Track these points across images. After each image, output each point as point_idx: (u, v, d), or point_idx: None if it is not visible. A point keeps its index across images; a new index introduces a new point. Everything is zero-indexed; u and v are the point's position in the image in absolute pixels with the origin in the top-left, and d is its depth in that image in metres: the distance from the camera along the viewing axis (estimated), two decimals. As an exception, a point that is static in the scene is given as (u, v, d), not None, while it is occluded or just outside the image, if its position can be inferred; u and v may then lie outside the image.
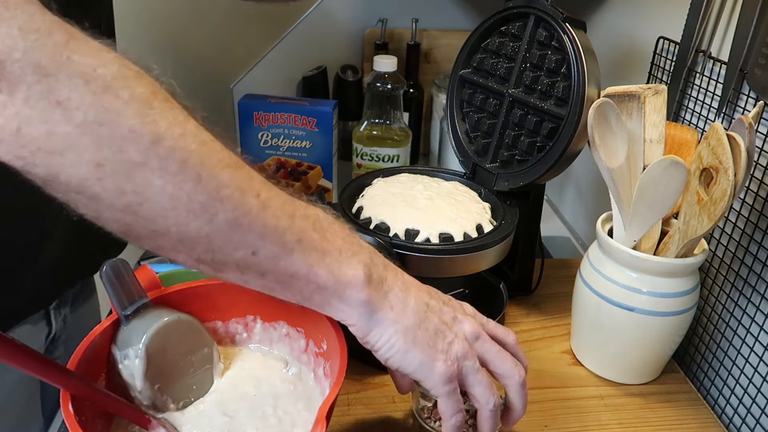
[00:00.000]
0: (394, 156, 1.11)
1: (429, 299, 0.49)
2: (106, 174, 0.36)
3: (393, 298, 0.47)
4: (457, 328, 0.49)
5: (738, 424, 0.70)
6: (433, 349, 0.47)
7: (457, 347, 0.48)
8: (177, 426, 0.52)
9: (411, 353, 0.46)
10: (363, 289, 0.45)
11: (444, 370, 0.47)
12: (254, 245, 0.41)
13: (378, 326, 0.46)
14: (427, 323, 0.47)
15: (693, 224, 0.62)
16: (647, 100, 0.65)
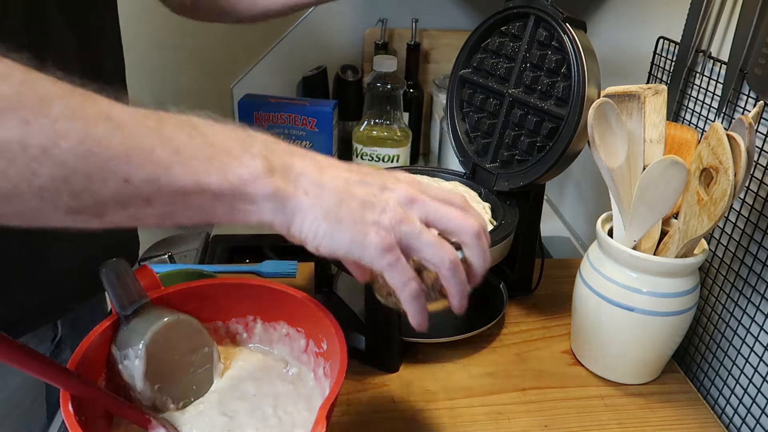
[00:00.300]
0: (394, 156, 1.11)
1: (348, 175, 0.44)
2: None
3: (305, 183, 0.42)
4: (387, 196, 0.44)
5: (738, 424, 0.70)
6: (361, 223, 0.42)
7: (390, 215, 0.43)
8: (177, 426, 0.52)
9: (338, 234, 0.42)
10: (265, 182, 0.40)
11: (378, 241, 0.42)
12: (123, 172, 0.36)
13: (297, 216, 0.42)
14: (349, 199, 0.43)
15: (693, 224, 0.62)
16: (647, 100, 0.65)
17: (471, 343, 0.76)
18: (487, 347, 0.77)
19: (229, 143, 0.40)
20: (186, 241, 1.07)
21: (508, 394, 0.70)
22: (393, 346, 0.72)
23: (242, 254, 1.07)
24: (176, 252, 1.01)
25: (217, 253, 1.06)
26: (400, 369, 0.73)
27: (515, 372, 0.73)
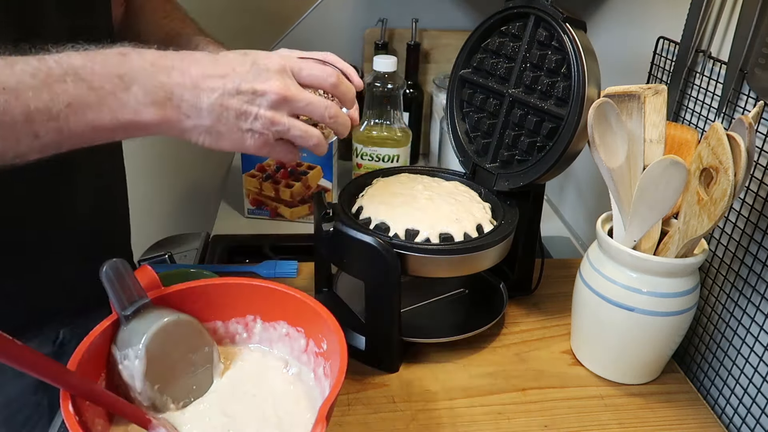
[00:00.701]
0: (394, 156, 1.11)
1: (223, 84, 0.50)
2: None
3: (185, 108, 0.49)
4: (258, 102, 0.51)
5: (738, 424, 0.70)
6: (238, 132, 0.51)
7: (261, 122, 0.52)
8: (177, 426, 0.52)
9: (221, 143, 0.52)
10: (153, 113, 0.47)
11: (253, 143, 0.52)
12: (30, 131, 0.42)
13: (185, 134, 0.51)
14: (225, 114, 0.50)
15: (693, 224, 0.62)
16: (647, 100, 0.65)
17: (471, 343, 0.76)
18: (487, 347, 0.77)
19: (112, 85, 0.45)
20: (186, 241, 1.07)
21: (508, 394, 0.70)
22: (393, 346, 0.72)
23: (242, 254, 1.07)
24: (176, 252, 1.01)
25: (217, 253, 1.06)
26: (400, 369, 0.73)
27: (515, 372, 0.73)
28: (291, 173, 1.12)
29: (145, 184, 1.54)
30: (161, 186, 1.58)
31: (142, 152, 1.49)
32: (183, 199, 1.60)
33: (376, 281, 0.68)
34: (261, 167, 1.12)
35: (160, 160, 1.54)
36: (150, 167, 1.54)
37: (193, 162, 1.55)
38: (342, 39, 1.36)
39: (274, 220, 1.17)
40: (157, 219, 1.58)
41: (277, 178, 1.13)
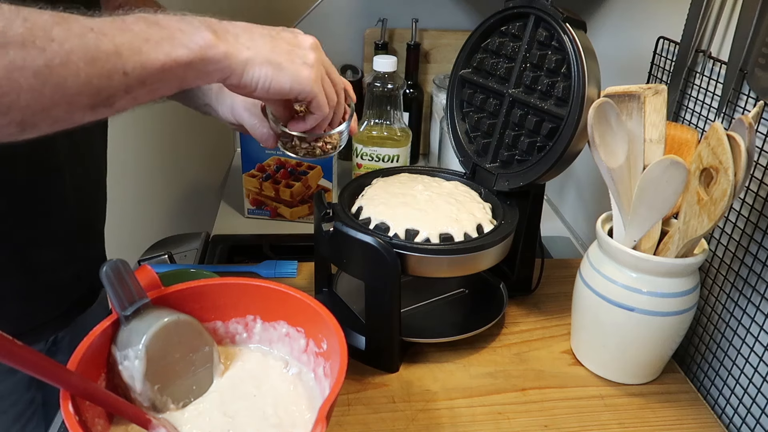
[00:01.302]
0: (394, 156, 1.11)
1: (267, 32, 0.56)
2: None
3: (243, 40, 0.53)
4: (303, 43, 0.57)
5: (738, 424, 0.70)
6: (294, 63, 0.55)
7: (312, 55, 0.57)
8: (177, 426, 0.52)
9: (281, 74, 0.54)
10: (219, 44, 0.50)
11: (310, 73, 0.56)
12: (120, 66, 0.45)
13: (245, 67, 0.53)
14: (278, 47, 0.55)
15: (693, 224, 0.62)
16: (647, 100, 0.65)
17: (471, 343, 0.76)
18: (487, 347, 0.77)
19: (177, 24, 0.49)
20: (186, 241, 1.07)
21: (508, 394, 0.70)
22: (393, 346, 0.72)
23: (242, 254, 1.07)
24: (176, 252, 1.01)
25: (217, 253, 1.06)
26: (400, 369, 0.73)
27: (515, 372, 0.73)
28: (291, 173, 1.12)
29: (145, 184, 1.54)
30: (161, 186, 1.58)
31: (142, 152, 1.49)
32: (183, 199, 1.60)
33: (376, 281, 0.68)
34: (261, 167, 1.12)
35: (160, 160, 1.54)
36: (150, 167, 1.54)
37: (193, 162, 1.55)
38: (342, 39, 1.35)
39: (274, 220, 1.17)
40: (157, 219, 1.58)
41: (277, 178, 1.13)
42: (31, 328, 0.71)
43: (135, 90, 0.47)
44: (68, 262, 0.74)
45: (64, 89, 0.42)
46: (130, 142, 1.41)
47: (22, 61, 0.40)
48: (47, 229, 0.69)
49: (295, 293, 0.58)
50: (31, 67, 0.40)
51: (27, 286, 0.69)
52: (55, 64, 0.41)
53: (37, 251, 0.69)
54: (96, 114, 0.46)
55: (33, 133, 0.43)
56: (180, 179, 1.58)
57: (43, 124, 0.43)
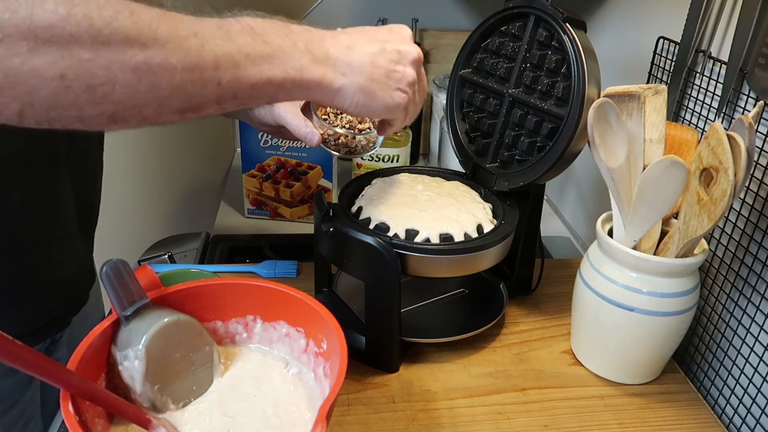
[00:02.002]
0: (394, 156, 1.11)
1: (371, 48, 0.56)
2: (71, 81, 0.39)
3: (341, 66, 0.54)
4: (405, 60, 0.58)
5: (738, 424, 0.70)
6: (388, 89, 0.56)
7: (408, 76, 0.58)
8: (177, 426, 0.52)
9: (372, 103, 0.56)
10: (314, 70, 0.51)
11: (400, 100, 0.58)
12: (215, 77, 0.45)
13: (338, 93, 0.54)
14: (375, 72, 0.55)
15: (693, 224, 0.62)
16: (647, 100, 0.65)
17: (471, 343, 0.76)
18: (487, 347, 0.77)
19: (280, 41, 0.50)
20: (186, 241, 1.07)
21: (508, 394, 0.70)
22: (393, 346, 0.72)
23: (242, 254, 1.07)
24: (176, 252, 1.01)
25: (217, 253, 1.06)
26: (400, 369, 0.73)
27: (515, 372, 0.73)
28: (291, 173, 1.12)
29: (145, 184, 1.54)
30: (161, 186, 1.57)
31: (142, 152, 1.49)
32: (183, 199, 1.60)
33: (376, 281, 0.68)
34: (261, 167, 1.12)
35: (160, 160, 1.54)
36: (150, 167, 1.54)
37: (193, 162, 1.55)
38: (342, 39, 1.35)
39: (274, 220, 1.17)
40: (157, 219, 1.57)
41: (277, 178, 1.13)
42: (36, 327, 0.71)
43: (225, 101, 0.47)
44: (69, 261, 0.74)
45: (158, 90, 0.42)
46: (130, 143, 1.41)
47: (123, 54, 0.40)
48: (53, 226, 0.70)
49: (295, 293, 0.58)
50: (130, 61, 0.40)
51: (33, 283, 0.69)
52: (154, 63, 0.41)
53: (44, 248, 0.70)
54: (183, 118, 0.46)
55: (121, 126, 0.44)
56: (180, 179, 1.58)
57: (132, 120, 0.43)
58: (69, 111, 0.40)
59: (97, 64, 0.39)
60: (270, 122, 0.70)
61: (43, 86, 0.38)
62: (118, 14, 0.40)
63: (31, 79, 0.37)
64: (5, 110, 0.38)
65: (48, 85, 0.38)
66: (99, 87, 0.40)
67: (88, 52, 0.39)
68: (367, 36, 0.57)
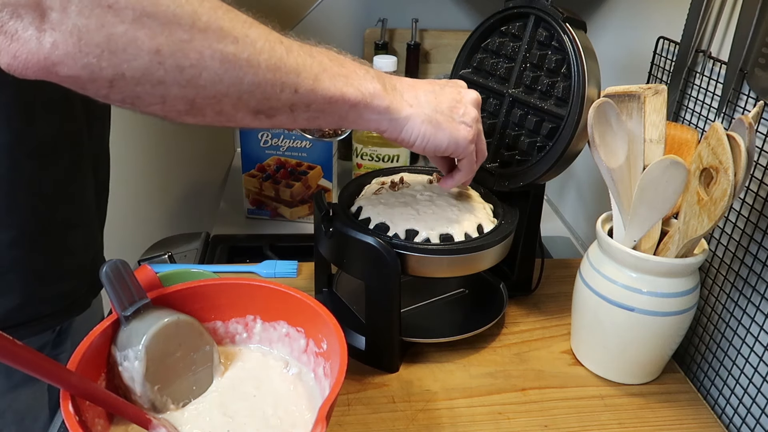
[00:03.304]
0: (394, 156, 1.11)
1: (432, 88, 0.60)
2: (165, 57, 0.41)
3: (408, 97, 0.57)
4: (465, 99, 0.61)
5: (738, 424, 0.70)
6: (453, 122, 0.59)
7: (471, 113, 0.60)
8: (177, 426, 0.52)
9: (439, 134, 0.58)
10: (384, 97, 0.54)
11: (466, 134, 0.60)
12: (294, 83, 0.48)
13: (406, 124, 0.56)
14: (440, 105, 0.58)
15: (693, 224, 0.62)
16: (647, 100, 0.65)
17: (471, 343, 0.76)
18: (487, 347, 0.77)
19: (354, 67, 0.54)
20: (186, 241, 1.07)
21: (508, 394, 0.70)
22: (393, 346, 0.72)
23: (242, 254, 1.07)
24: (176, 252, 1.01)
25: (217, 253, 1.06)
26: (400, 369, 0.73)
27: (515, 372, 0.73)
28: (291, 173, 1.12)
29: (145, 184, 1.54)
30: (161, 186, 1.57)
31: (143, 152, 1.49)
32: (183, 199, 1.60)
33: (376, 281, 0.68)
34: (261, 167, 1.12)
35: (160, 160, 1.54)
36: (150, 167, 1.54)
37: (193, 162, 1.55)
38: (342, 39, 1.35)
39: (274, 220, 1.17)
40: (157, 219, 1.58)
41: (277, 178, 1.13)
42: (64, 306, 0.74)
43: (297, 110, 0.50)
44: (89, 245, 0.77)
45: (240, 84, 0.45)
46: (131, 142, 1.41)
47: (217, 43, 0.43)
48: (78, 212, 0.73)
49: (295, 293, 0.58)
50: (221, 51, 0.43)
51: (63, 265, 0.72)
52: (242, 58, 0.44)
53: (71, 232, 0.72)
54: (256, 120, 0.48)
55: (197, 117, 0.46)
56: (180, 179, 1.58)
57: (209, 111, 0.46)
58: (155, 88, 0.42)
59: (192, 46, 0.42)
60: None
61: (139, 57, 0.40)
62: (217, 9, 0.44)
63: (130, 48, 0.40)
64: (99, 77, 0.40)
65: (143, 57, 0.40)
66: (188, 69, 0.42)
67: (186, 34, 0.41)
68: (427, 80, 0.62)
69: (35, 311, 0.70)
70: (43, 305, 0.71)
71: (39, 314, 0.71)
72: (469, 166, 0.65)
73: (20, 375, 0.70)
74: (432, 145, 0.58)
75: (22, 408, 0.73)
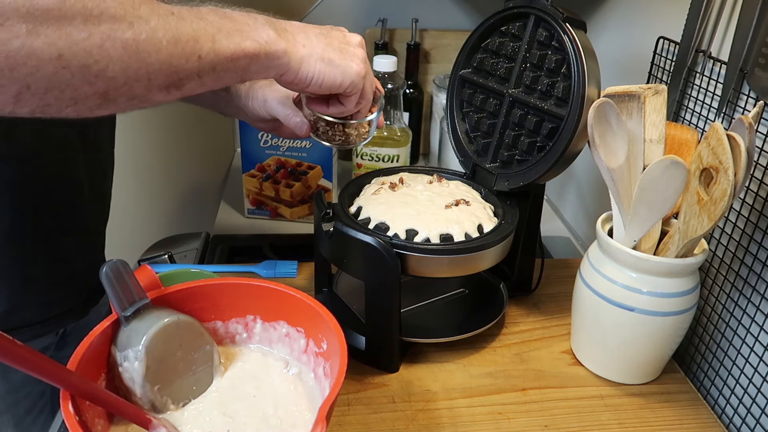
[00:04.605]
0: (394, 156, 1.11)
1: (320, 30, 0.61)
2: (69, 60, 0.40)
3: (300, 39, 0.57)
4: (352, 40, 0.62)
5: (738, 424, 0.70)
6: (345, 59, 0.59)
7: (360, 51, 0.61)
8: (177, 426, 0.52)
9: (333, 70, 0.58)
10: (279, 42, 0.54)
11: (359, 69, 0.60)
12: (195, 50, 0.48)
13: (301, 64, 0.57)
14: (330, 44, 0.59)
15: (693, 224, 0.62)
16: (647, 100, 0.65)
17: (471, 343, 0.76)
18: (487, 347, 0.77)
19: (245, 19, 0.53)
20: (186, 241, 1.07)
21: (508, 394, 0.70)
22: (393, 346, 0.72)
23: (242, 254, 1.07)
24: (176, 252, 1.01)
25: (217, 253, 1.06)
26: (400, 369, 0.73)
27: (515, 372, 0.73)
28: (291, 173, 1.12)
29: (145, 184, 1.54)
30: (161, 186, 1.58)
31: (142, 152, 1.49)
32: (183, 199, 1.60)
33: (376, 281, 0.68)
34: (261, 167, 1.12)
35: (160, 160, 1.54)
36: (150, 167, 1.54)
37: (193, 162, 1.55)
38: (342, 39, 1.35)
39: (274, 220, 1.17)
40: (157, 219, 1.58)
41: (277, 178, 1.13)
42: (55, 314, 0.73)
43: (205, 75, 0.49)
44: (87, 252, 0.77)
45: (148, 65, 0.44)
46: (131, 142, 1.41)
47: (114, 32, 0.42)
48: (70, 219, 0.73)
49: (295, 293, 0.58)
50: (120, 38, 0.42)
51: (53, 272, 0.72)
52: (142, 39, 0.43)
53: (62, 239, 0.72)
54: (168, 95, 0.48)
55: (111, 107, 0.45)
56: (180, 179, 1.58)
57: (122, 99, 0.45)
58: (65, 92, 0.41)
59: (91, 42, 0.41)
60: (264, 115, 0.72)
61: (42, 67, 0.39)
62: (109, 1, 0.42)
63: (30, 61, 0.38)
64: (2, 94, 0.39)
65: (46, 66, 0.39)
66: (94, 65, 0.41)
67: (82, 32, 0.40)
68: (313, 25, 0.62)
69: (23, 318, 0.70)
70: (32, 312, 0.71)
71: (28, 321, 0.70)
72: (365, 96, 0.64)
73: (20, 376, 0.70)
74: (328, 81, 0.59)
75: (21, 410, 0.73)
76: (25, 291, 0.69)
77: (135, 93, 0.45)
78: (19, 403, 0.72)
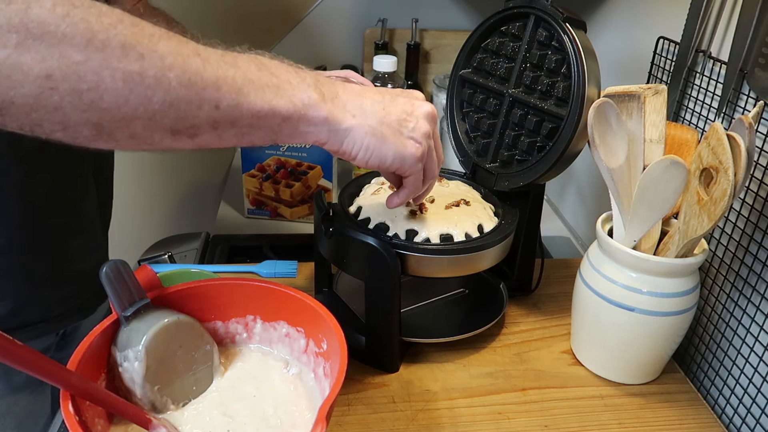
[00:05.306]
0: (394, 156, 1.11)
1: (381, 98, 0.54)
2: (58, 81, 0.37)
3: (351, 107, 0.51)
4: (417, 112, 0.55)
5: (738, 424, 0.70)
6: (401, 137, 0.54)
7: (422, 128, 0.55)
8: (177, 426, 0.52)
9: (384, 147, 0.53)
10: (322, 107, 0.49)
11: (414, 150, 0.54)
12: (213, 98, 0.43)
13: (348, 135, 0.51)
14: (388, 117, 0.53)
15: (693, 224, 0.62)
16: (647, 100, 0.65)
17: (471, 343, 0.76)
18: (487, 347, 0.77)
19: (288, 75, 0.48)
20: (186, 241, 1.07)
21: (508, 394, 0.70)
22: (393, 346, 0.72)
23: (242, 254, 1.07)
24: (176, 252, 1.01)
25: (217, 253, 1.06)
26: (400, 369, 0.73)
27: (515, 372, 0.73)
28: (291, 173, 1.12)
29: (145, 184, 1.54)
30: (161, 186, 1.58)
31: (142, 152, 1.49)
32: (183, 199, 1.60)
33: (376, 281, 0.68)
34: (261, 167, 1.12)
35: (160, 160, 1.54)
36: (150, 167, 1.54)
37: (193, 162, 1.55)
38: (342, 39, 1.35)
39: (274, 220, 1.17)
40: (157, 219, 1.58)
41: (277, 178, 1.13)
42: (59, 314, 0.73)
43: (222, 128, 0.45)
44: (92, 251, 0.77)
45: (150, 104, 0.41)
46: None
47: (117, 62, 0.39)
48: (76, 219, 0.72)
49: (295, 293, 0.58)
50: (123, 69, 0.39)
51: (59, 271, 0.72)
52: (148, 75, 0.40)
53: (68, 239, 0.72)
54: (176, 140, 0.44)
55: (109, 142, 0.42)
56: (180, 179, 1.58)
57: (120, 135, 0.41)
58: (52, 115, 0.38)
59: (87, 68, 0.38)
60: None
61: (26, 84, 0.37)
62: (119, 23, 0.39)
63: (14, 75, 0.36)
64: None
65: (32, 84, 0.37)
66: (86, 92, 0.38)
67: (80, 54, 0.37)
68: (378, 88, 0.56)
69: (29, 317, 0.70)
70: (38, 311, 0.71)
71: (33, 320, 0.70)
72: (416, 183, 0.59)
73: (21, 378, 0.70)
74: (375, 159, 0.53)
75: (23, 411, 0.73)
76: (30, 290, 0.69)
77: (134, 131, 0.42)
78: (21, 404, 0.72)
